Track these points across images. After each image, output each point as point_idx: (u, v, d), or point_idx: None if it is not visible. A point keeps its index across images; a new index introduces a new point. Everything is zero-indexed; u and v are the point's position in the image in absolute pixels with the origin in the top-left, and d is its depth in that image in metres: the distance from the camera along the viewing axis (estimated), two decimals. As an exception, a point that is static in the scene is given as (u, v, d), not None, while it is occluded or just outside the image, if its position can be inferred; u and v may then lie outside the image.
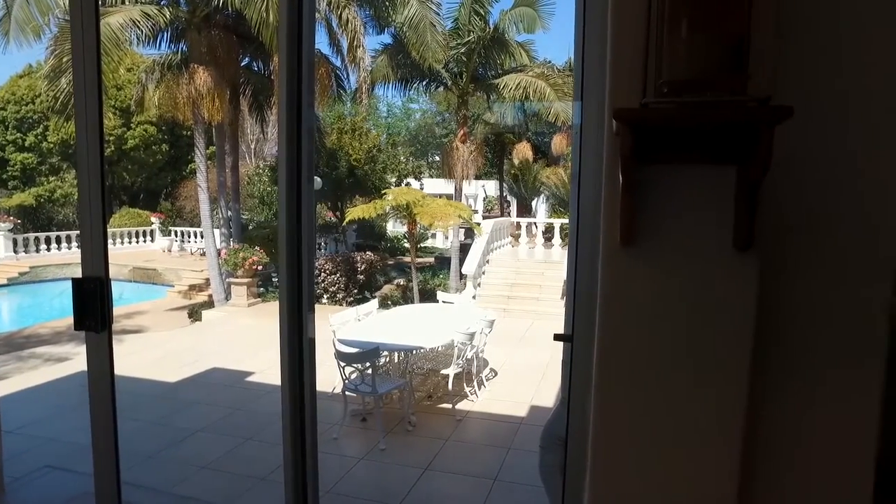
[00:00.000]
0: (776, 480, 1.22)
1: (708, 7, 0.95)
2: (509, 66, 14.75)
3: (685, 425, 1.17)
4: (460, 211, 12.48)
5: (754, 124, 0.93)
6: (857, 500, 1.20)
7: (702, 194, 1.11)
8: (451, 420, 5.56)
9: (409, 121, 26.36)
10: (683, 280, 1.12)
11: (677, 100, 0.96)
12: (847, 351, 1.17)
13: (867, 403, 1.17)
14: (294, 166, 1.93)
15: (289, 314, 1.99)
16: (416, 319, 6.86)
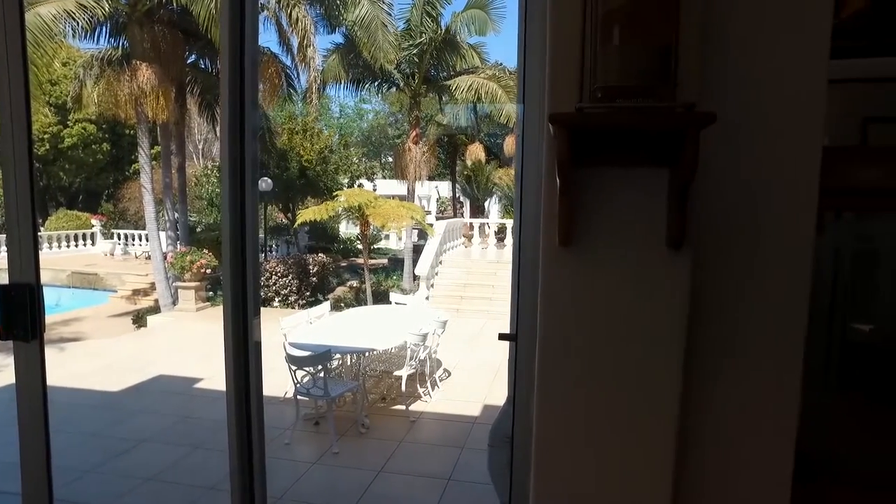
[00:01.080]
0: (705, 465, 1.28)
1: (638, 18, 0.99)
2: (461, 68, 14.85)
3: (624, 420, 1.21)
4: (413, 212, 12.47)
5: (681, 129, 0.98)
6: (777, 481, 1.27)
7: (637, 195, 1.15)
8: (404, 421, 5.55)
9: (361, 121, 26.16)
10: (620, 278, 1.16)
11: (610, 105, 0.99)
12: (768, 339, 1.24)
13: (788, 390, 1.25)
14: (237, 167, 1.88)
15: (233, 318, 1.94)
16: (369, 321, 6.81)
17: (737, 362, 1.26)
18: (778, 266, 1.25)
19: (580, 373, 1.20)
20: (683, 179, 1.02)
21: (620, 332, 1.17)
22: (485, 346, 8.50)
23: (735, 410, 1.27)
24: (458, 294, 11.78)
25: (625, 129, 1.05)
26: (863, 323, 3.22)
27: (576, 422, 1.23)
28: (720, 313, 1.24)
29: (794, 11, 1.21)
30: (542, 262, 1.18)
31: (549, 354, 1.20)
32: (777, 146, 1.23)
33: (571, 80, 1.10)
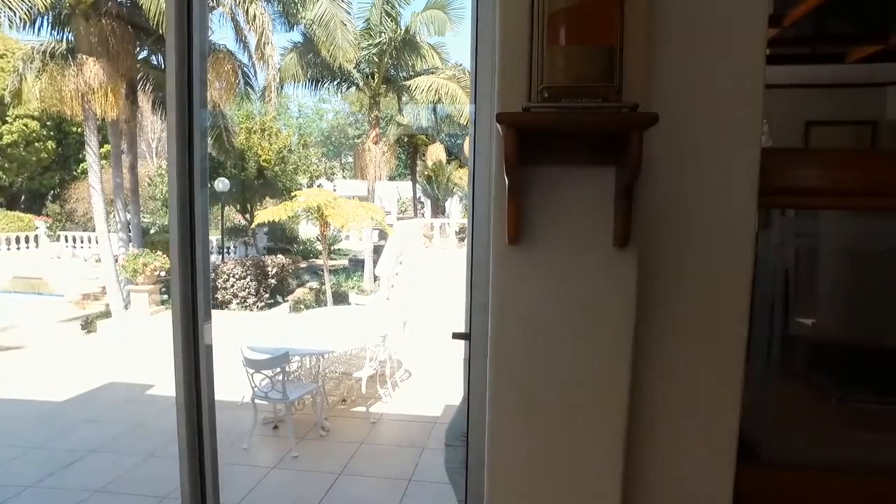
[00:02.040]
0: (654, 455, 1.31)
1: (582, 20, 1.01)
2: (421, 69, 14.84)
3: (575, 416, 1.23)
4: (373, 212, 12.41)
5: (625, 129, 1.00)
6: (722, 466, 1.32)
7: (585, 194, 1.17)
8: (365, 423, 5.51)
9: (321, 121, 25.83)
10: (568, 276, 1.18)
11: (556, 105, 1.01)
12: (712, 333, 1.28)
13: (731, 380, 1.30)
14: (186, 166, 1.83)
15: (182, 322, 1.89)
16: (329, 322, 6.73)
17: (683, 356, 1.30)
18: (721, 262, 1.29)
19: (531, 370, 1.21)
20: (628, 178, 1.04)
21: (570, 329, 1.19)
22: (446, 345, 8.51)
23: (681, 402, 1.31)
24: (418, 294, 11.76)
25: (570, 129, 1.07)
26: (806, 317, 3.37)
27: (528, 419, 1.24)
28: (666, 308, 1.28)
29: (733, 18, 1.25)
30: (492, 261, 1.18)
31: (500, 352, 1.21)
32: (719, 146, 1.27)
33: (520, 80, 1.12)
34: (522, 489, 1.28)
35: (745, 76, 1.26)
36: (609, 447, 1.24)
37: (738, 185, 1.28)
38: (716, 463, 1.35)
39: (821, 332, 3.23)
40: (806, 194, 1.48)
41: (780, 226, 1.75)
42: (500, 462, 1.27)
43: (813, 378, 3.10)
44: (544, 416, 1.24)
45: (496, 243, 1.18)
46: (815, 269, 3.25)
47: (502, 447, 1.26)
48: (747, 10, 1.25)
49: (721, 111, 1.26)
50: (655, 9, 1.20)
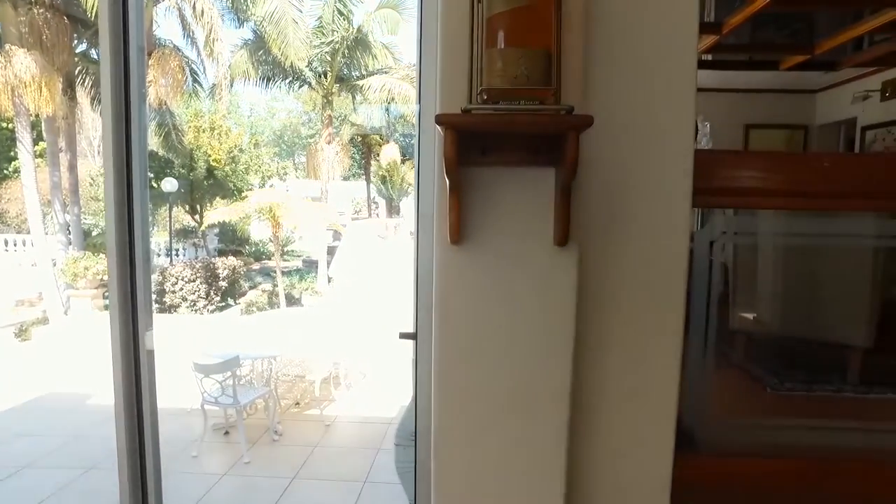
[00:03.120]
0: (596, 449, 1.35)
1: (520, 24, 1.03)
2: (374, 68, 14.75)
3: (519, 414, 1.26)
4: (327, 213, 12.26)
5: (562, 131, 1.03)
6: (661, 455, 1.38)
7: (526, 194, 1.19)
8: (319, 426, 5.44)
9: (273, 120, 25.30)
10: (510, 274, 1.20)
11: (494, 107, 1.03)
12: (650, 327, 1.33)
13: (668, 373, 1.35)
14: (123, 165, 1.77)
15: (122, 326, 1.82)
16: (282, 325, 6.62)
17: (622, 349, 1.34)
18: (658, 259, 1.34)
19: (475, 368, 1.23)
20: (566, 179, 1.07)
21: (512, 326, 1.22)
22: (400, 345, 8.49)
23: (622, 394, 1.36)
24: (372, 294, 11.69)
25: (507, 130, 1.09)
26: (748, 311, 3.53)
27: (473, 417, 1.26)
28: (606, 304, 1.32)
29: (666, 23, 1.30)
30: (435, 261, 1.20)
31: (444, 352, 1.22)
32: (654, 148, 1.32)
33: (461, 81, 1.13)
34: (468, 487, 1.30)
35: (678, 80, 1.31)
36: (552, 442, 1.27)
37: (673, 185, 1.33)
38: (654, 452, 1.40)
39: (760, 325, 3.40)
40: (736, 194, 1.55)
41: (720, 224, 1.83)
42: (445, 461, 1.28)
43: (750, 369, 3.25)
44: (489, 413, 1.26)
45: (438, 243, 1.19)
46: (755, 265, 3.42)
47: (448, 446, 1.27)
48: (679, 17, 1.30)
49: (656, 113, 1.31)
50: (592, 13, 1.24)
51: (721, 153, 2.55)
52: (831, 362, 3.24)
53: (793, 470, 1.64)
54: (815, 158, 1.63)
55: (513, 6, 1.02)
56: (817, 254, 3.18)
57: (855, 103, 7.43)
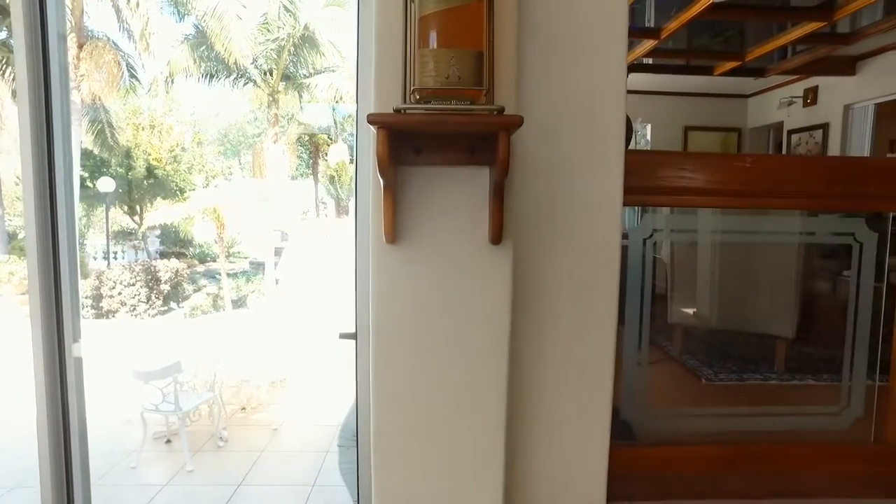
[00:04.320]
0: (534, 444, 1.39)
1: (451, 24, 1.04)
2: (322, 66, 14.54)
3: (456, 413, 1.27)
4: (273, 213, 12.00)
5: (492, 131, 1.05)
6: (597, 446, 1.42)
7: (461, 193, 1.21)
8: (266, 430, 5.32)
9: (217, 118, 24.52)
10: (446, 273, 1.21)
11: (425, 107, 1.04)
12: (585, 323, 1.37)
13: (603, 367, 1.40)
14: (45, 164, 1.68)
15: (45, 335, 1.73)
16: (228, 328, 6.44)
17: (558, 344, 1.38)
18: (592, 255, 1.38)
19: (412, 369, 1.24)
20: (498, 178, 1.09)
21: (448, 325, 1.23)
22: (352, 347, 8.40)
23: (558, 388, 1.39)
24: (321, 295, 11.54)
25: (438, 130, 1.10)
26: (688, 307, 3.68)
27: (410, 418, 1.26)
28: (542, 301, 1.35)
29: (596, 27, 1.34)
30: (371, 260, 1.19)
31: (381, 352, 1.22)
32: (586, 148, 1.36)
33: (395, 81, 1.13)
34: (409, 485, 1.31)
35: (609, 82, 1.35)
36: (490, 437, 1.29)
37: (605, 184, 1.37)
38: (591, 444, 1.44)
39: (699, 319, 3.55)
40: (664, 193, 1.62)
41: (653, 222, 1.90)
42: (385, 460, 1.28)
43: (687, 362, 3.40)
44: (427, 412, 1.26)
45: (374, 243, 1.19)
46: (694, 262, 3.57)
47: (387, 445, 1.27)
48: (609, 20, 1.34)
49: (588, 114, 1.35)
50: (524, 15, 1.26)
51: (650, 153, 2.65)
52: (761, 353, 3.43)
53: (721, 454, 1.73)
54: (738, 159, 1.72)
55: (444, 7, 1.03)
56: (748, 250, 3.36)
57: (781, 108, 7.87)
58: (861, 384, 1.77)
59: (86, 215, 14.51)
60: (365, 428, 1.49)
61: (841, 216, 1.88)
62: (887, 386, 1.74)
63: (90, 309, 11.23)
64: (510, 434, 1.33)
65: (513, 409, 1.34)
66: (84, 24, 11.60)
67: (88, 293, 11.31)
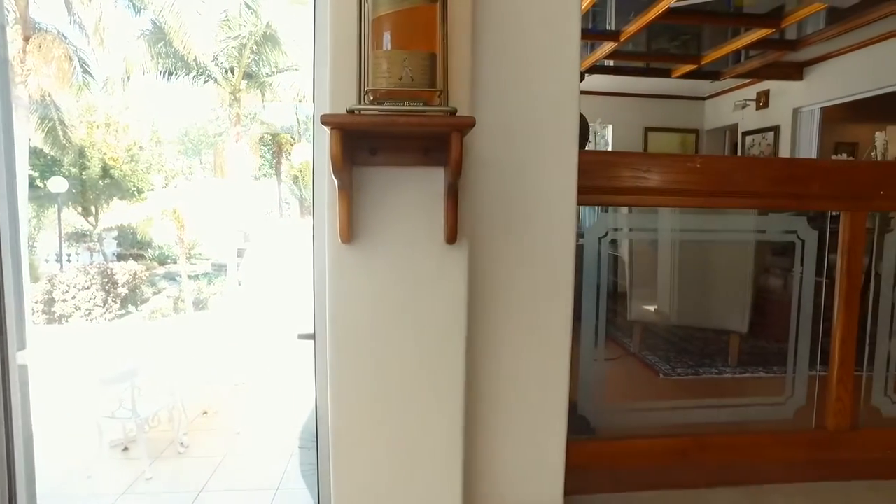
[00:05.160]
0: (492, 441, 1.41)
1: (405, 26, 1.05)
2: (285, 65, 14.34)
3: (414, 412, 1.28)
4: (236, 214, 11.78)
5: (445, 132, 1.06)
6: (554, 442, 1.45)
7: (417, 193, 1.22)
8: (229, 434, 5.23)
9: (176, 117, 23.88)
10: (402, 273, 1.22)
11: (378, 108, 1.04)
12: (541, 320, 1.40)
13: (559, 364, 1.43)
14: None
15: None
16: (189, 331, 6.30)
17: (515, 342, 1.40)
18: (547, 254, 1.41)
19: (369, 368, 1.24)
20: (452, 178, 1.11)
21: (405, 324, 1.24)
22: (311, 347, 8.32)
23: (515, 386, 1.42)
24: (284, 296, 11.39)
25: (391, 131, 1.11)
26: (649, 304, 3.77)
27: (368, 417, 1.27)
28: (498, 299, 1.37)
29: (550, 30, 1.37)
30: (328, 260, 1.20)
31: (338, 351, 1.23)
32: (541, 148, 1.39)
33: (349, 82, 1.14)
34: (368, 484, 1.31)
35: (562, 83, 1.38)
36: (449, 435, 1.30)
37: (560, 184, 1.40)
38: (548, 439, 1.47)
39: (660, 316, 3.65)
40: (617, 192, 1.67)
41: (609, 221, 1.94)
42: (343, 460, 1.28)
43: (646, 357, 3.49)
44: (385, 411, 1.27)
45: (330, 243, 1.19)
46: (654, 260, 3.66)
47: (345, 446, 1.27)
48: (563, 23, 1.37)
49: (542, 115, 1.38)
50: (479, 17, 1.28)
51: (603, 154, 2.71)
52: (716, 348, 3.54)
53: (674, 446, 1.79)
54: (688, 160, 1.78)
55: (397, 8, 1.04)
56: (705, 249, 3.47)
57: (736, 110, 8.14)
58: (804, 375, 1.86)
59: (36, 216, 13.97)
60: (324, 428, 1.48)
61: (791, 214, 1.96)
62: (827, 376, 1.82)
63: (41, 314, 10.82)
64: (468, 430, 1.35)
65: (471, 406, 1.36)
66: (30, 15, 11.14)
67: (39, 298, 10.91)
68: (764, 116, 7.73)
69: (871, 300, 1.88)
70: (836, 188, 1.78)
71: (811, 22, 5.42)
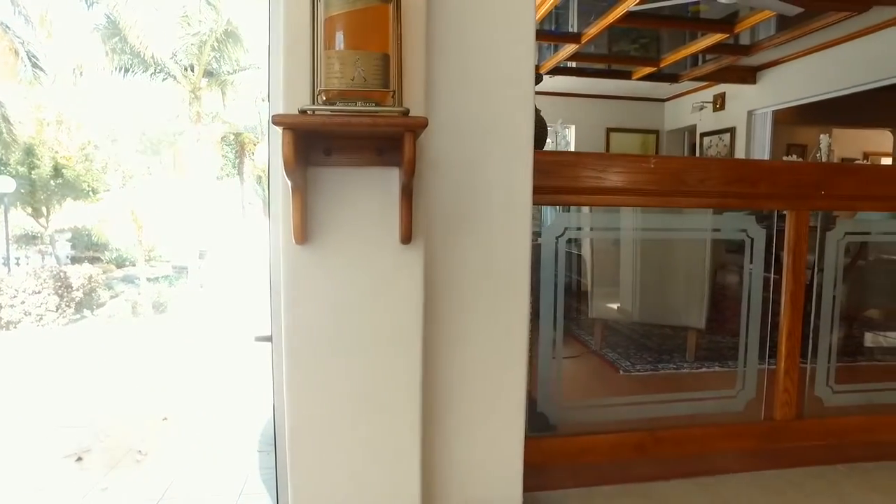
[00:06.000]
0: (451, 440, 1.42)
1: (357, 26, 1.05)
2: (247, 63, 14.09)
3: (371, 412, 1.28)
4: (197, 215, 11.52)
5: (398, 132, 1.06)
6: (512, 438, 1.47)
7: (372, 193, 1.22)
8: (190, 438, 5.10)
9: (134, 114, 23.17)
10: (357, 273, 1.22)
11: (330, 108, 1.04)
12: (498, 318, 1.41)
13: (516, 361, 1.45)
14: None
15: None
16: (147, 334, 6.13)
17: (472, 340, 1.42)
18: (503, 254, 1.42)
19: (325, 369, 1.24)
20: (406, 178, 1.11)
21: (360, 325, 1.23)
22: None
23: (473, 384, 1.43)
24: (245, 298, 11.19)
25: (343, 132, 1.11)
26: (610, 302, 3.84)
27: (325, 418, 1.26)
28: (455, 299, 1.38)
29: (505, 32, 1.38)
30: (283, 262, 1.18)
31: (294, 353, 1.22)
32: (496, 149, 1.40)
33: (303, 81, 1.13)
34: (325, 486, 1.30)
35: (518, 83, 1.40)
36: (407, 435, 1.31)
37: (515, 184, 1.42)
38: (507, 435, 1.48)
39: (623, 314, 3.72)
40: (573, 192, 1.69)
41: (564, 220, 1.97)
42: (300, 463, 1.27)
43: (607, 355, 3.55)
44: (341, 412, 1.27)
45: (284, 244, 1.18)
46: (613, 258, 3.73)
47: (302, 448, 1.26)
48: (518, 25, 1.39)
49: (497, 116, 1.39)
50: (434, 18, 1.29)
51: (560, 154, 2.76)
52: (675, 344, 3.63)
53: (631, 441, 1.83)
54: (643, 160, 1.82)
55: (349, 9, 1.03)
56: (664, 247, 3.56)
57: (694, 112, 8.37)
58: (754, 368, 1.92)
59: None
60: (282, 431, 1.47)
61: (747, 213, 2.03)
62: (775, 369, 1.89)
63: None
64: (427, 430, 1.36)
65: (429, 406, 1.37)
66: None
67: (-15, 302, 10.44)
68: (720, 118, 7.98)
69: (814, 295, 1.96)
70: (781, 188, 1.85)
71: (763, 28, 5.62)
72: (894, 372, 3.33)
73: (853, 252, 3.62)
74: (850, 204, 1.99)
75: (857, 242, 3.43)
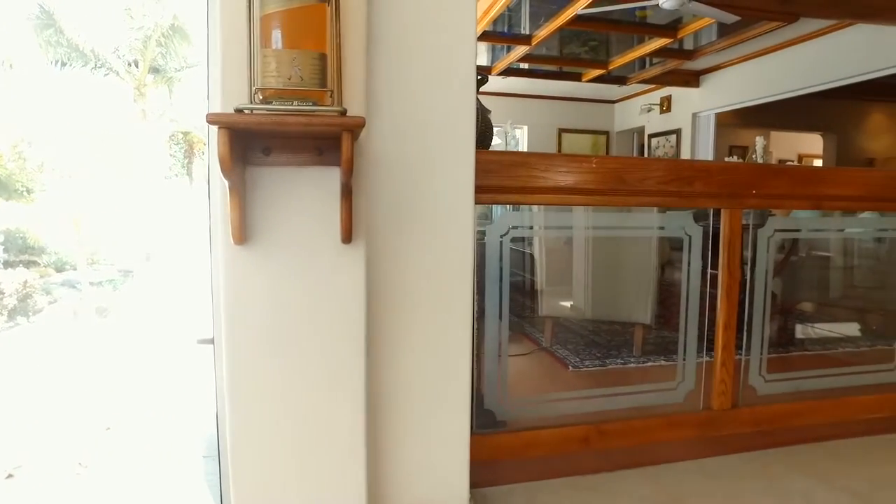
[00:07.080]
0: (396, 440, 1.42)
1: (293, 25, 1.04)
2: (195, 60, 13.66)
3: (315, 412, 1.27)
4: (143, 216, 11.12)
5: (334, 132, 1.06)
6: (457, 436, 1.49)
7: (313, 193, 1.21)
8: (135, 448, 4.92)
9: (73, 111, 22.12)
10: (298, 273, 1.21)
11: (266, 107, 1.02)
12: (442, 315, 1.43)
13: (461, 359, 1.46)
14: None
15: None
16: (89, 340, 5.88)
17: (417, 340, 1.42)
18: (446, 253, 1.44)
19: (267, 372, 1.22)
20: (345, 178, 1.10)
21: (301, 326, 1.22)
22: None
23: (418, 382, 1.44)
24: (192, 300, 10.87)
25: (279, 131, 1.10)
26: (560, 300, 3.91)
27: (267, 421, 1.24)
28: (399, 298, 1.39)
29: (447, 33, 1.39)
30: (222, 262, 1.16)
31: (234, 355, 1.20)
32: (439, 149, 1.41)
33: (240, 80, 1.11)
34: (268, 491, 1.29)
35: (460, 84, 1.41)
36: (351, 436, 1.30)
37: (457, 184, 1.43)
38: (452, 432, 1.50)
39: (575, 311, 3.80)
40: (515, 192, 1.72)
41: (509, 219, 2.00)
42: (242, 468, 1.25)
43: (557, 351, 3.62)
44: (285, 415, 1.25)
45: (223, 244, 1.16)
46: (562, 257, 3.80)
47: (244, 452, 1.24)
48: (458, 23, 1.40)
49: (439, 116, 1.40)
50: (374, 17, 1.29)
51: (503, 154, 2.80)
52: (623, 339, 3.74)
53: (577, 434, 1.87)
54: (584, 160, 1.86)
55: (285, 7, 1.02)
56: (612, 245, 3.65)
57: (642, 114, 8.64)
58: (693, 361, 2.00)
59: None
60: (225, 435, 1.44)
61: (692, 211, 2.10)
62: (712, 361, 1.98)
63: None
64: (371, 430, 1.36)
65: (373, 406, 1.37)
66: None
67: None
68: (667, 120, 8.25)
69: (748, 289, 2.05)
70: (715, 187, 1.94)
71: (705, 34, 5.85)
72: (821, 360, 3.52)
73: (787, 248, 3.81)
74: (779, 202, 2.10)
75: (790, 239, 3.61)
